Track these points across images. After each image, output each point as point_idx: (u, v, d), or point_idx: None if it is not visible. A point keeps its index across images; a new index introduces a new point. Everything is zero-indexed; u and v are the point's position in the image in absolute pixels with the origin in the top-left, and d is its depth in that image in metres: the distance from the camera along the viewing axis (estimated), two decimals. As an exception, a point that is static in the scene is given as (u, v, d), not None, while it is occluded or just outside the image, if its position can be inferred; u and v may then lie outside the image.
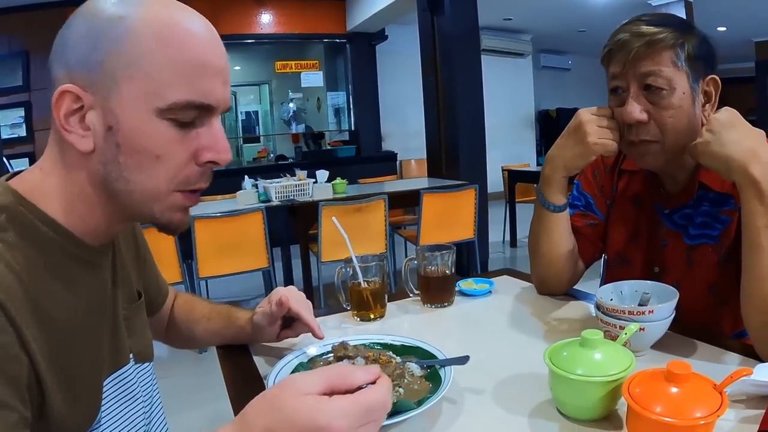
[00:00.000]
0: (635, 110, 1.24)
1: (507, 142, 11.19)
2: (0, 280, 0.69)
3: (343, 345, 1.14)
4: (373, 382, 0.68)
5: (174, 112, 0.78)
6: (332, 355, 1.14)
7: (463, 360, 1.07)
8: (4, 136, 6.95)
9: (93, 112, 0.77)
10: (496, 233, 7.29)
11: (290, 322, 1.28)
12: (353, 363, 1.05)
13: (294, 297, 1.25)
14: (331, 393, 0.65)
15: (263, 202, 4.91)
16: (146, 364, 1.04)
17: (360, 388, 0.67)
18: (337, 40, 9.86)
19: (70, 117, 0.77)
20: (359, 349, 1.12)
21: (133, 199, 0.81)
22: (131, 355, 0.98)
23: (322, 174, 5.28)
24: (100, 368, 0.89)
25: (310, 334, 1.26)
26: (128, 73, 0.75)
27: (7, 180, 0.82)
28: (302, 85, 9.90)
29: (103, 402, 0.89)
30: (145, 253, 1.16)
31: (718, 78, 1.28)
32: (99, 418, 0.88)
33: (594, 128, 1.30)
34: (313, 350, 1.21)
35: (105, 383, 0.90)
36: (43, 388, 0.73)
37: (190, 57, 0.78)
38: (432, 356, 1.12)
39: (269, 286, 4.75)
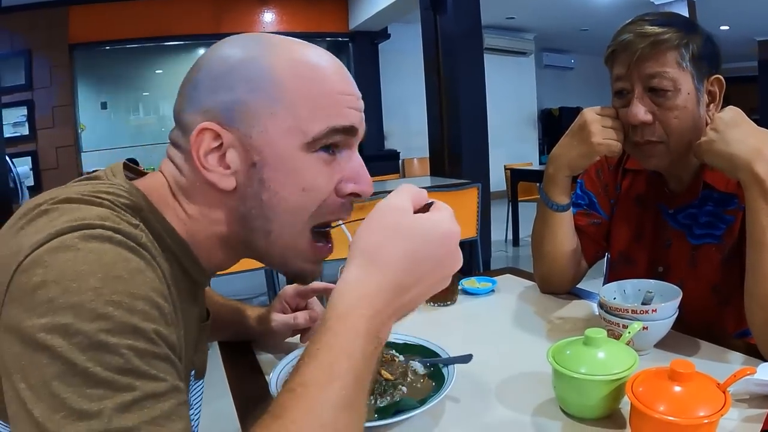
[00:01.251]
0: (640, 111, 1.24)
1: (510, 141, 11.17)
2: (161, 263, 0.70)
3: None
4: None
5: (319, 144, 0.78)
6: None
7: (466, 359, 1.08)
8: (6, 135, 6.95)
9: (233, 150, 0.77)
10: (499, 232, 7.28)
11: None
12: None
13: (318, 306, 1.31)
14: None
15: (266, 200, 4.89)
16: (201, 382, 1.04)
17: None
18: (340, 39, 9.86)
19: (209, 155, 0.77)
20: None
21: (271, 242, 0.82)
22: (193, 372, 0.98)
23: (325, 173, 5.27)
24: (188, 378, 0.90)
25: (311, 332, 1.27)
26: (270, 110, 0.76)
27: (126, 176, 0.81)
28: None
29: None
30: None
31: (722, 77, 1.27)
32: None
33: (598, 128, 1.29)
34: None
35: None
36: None
37: (327, 89, 0.79)
38: (435, 355, 1.12)
39: (271, 285, 4.74)
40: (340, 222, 1.42)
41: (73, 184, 0.78)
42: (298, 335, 1.30)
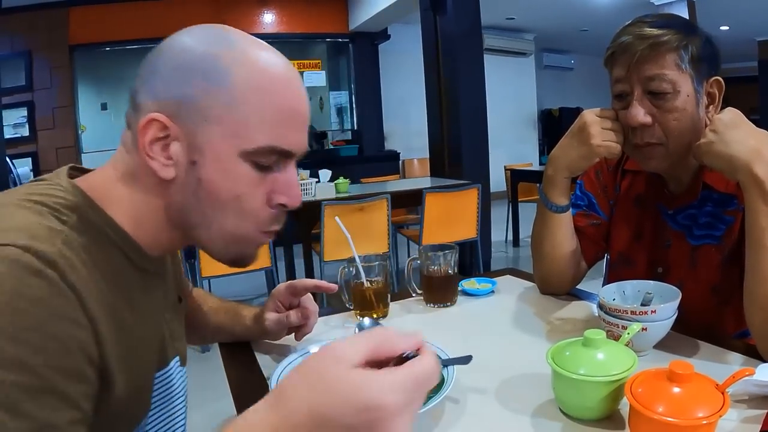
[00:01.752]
0: (639, 113, 1.24)
1: (510, 142, 11.18)
2: (80, 275, 0.70)
3: None
4: (417, 350, 0.64)
5: (257, 156, 0.80)
6: None
7: (465, 360, 1.08)
8: (7, 136, 6.95)
9: (177, 144, 0.79)
10: (499, 232, 7.30)
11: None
12: None
13: (311, 304, 1.31)
14: (373, 361, 0.60)
15: (266, 201, 4.90)
16: (185, 369, 1.07)
17: (403, 358, 0.62)
18: (340, 40, 9.86)
19: (154, 144, 0.79)
20: None
21: (210, 236, 0.84)
22: (177, 358, 1.01)
23: (325, 173, 5.29)
24: (153, 368, 0.92)
25: (308, 336, 1.31)
26: (220, 113, 0.78)
27: (70, 176, 0.83)
28: (305, 85, 9.87)
29: (153, 402, 0.93)
30: (177, 254, 1.19)
31: (721, 79, 1.27)
32: (147, 417, 0.91)
33: (598, 130, 1.30)
34: (315, 349, 1.21)
35: (153, 384, 0.93)
36: (109, 384, 0.74)
37: (281, 105, 0.81)
38: (435, 356, 1.12)
39: (272, 286, 4.75)
40: (337, 218, 1.44)
41: (26, 183, 0.81)
42: (293, 334, 1.31)
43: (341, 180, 5.29)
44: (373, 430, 0.56)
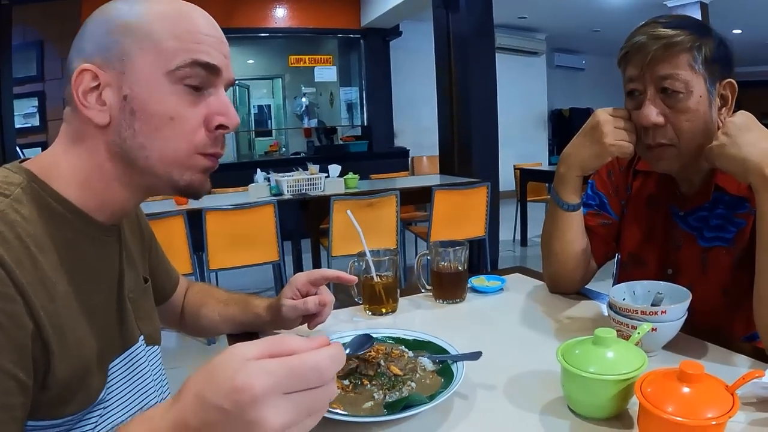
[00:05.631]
0: (652, 113, 1.24)
1: (519, 141, 11.14)
2: (11, 247, 0.73)
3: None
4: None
5: (182, 73, 0.86)
6: None
7: (475, 356, 1.08)
8: (17, 126, 6.99)
9: (109, 89, 0.85)
10: (507, 232, 7.28)
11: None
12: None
13: (327, 294, 1.32)
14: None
15: (275, 195, 4.93)
16: (156, 347, 1.10)
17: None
18: (351, 36, 9.87)
19: (89, 94, 0.85)
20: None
21: (151, 164, 0.87)
22: (141, 337, 1.03)
23: (335, 168, 5.29)
24: (108, 347, 0.93)
25: (320, 327, 1.32)
26: (139, 46, 0.84)
27: (20, 162, 0.88)
28: (315, 80, 9.91)
29: (115, 380, 0.94)
30: (150, 242, 1.22)
31: (734, 81, 1.27)
32: (107, 395, 0.92)
33: (611, 129, 1.30)
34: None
35: (115, 362, 0.95)
36: (50, 357, 0.76)
37: (192, 27, 0.87)
38: (444, 351, 1.13)
39: (279, 280, 4.76)
40: (348, 212, 1.44)
41: None
42: (305, 325, 1.32)
43: (350, 175, 5.30)
44: (243, 414, 0.55)
